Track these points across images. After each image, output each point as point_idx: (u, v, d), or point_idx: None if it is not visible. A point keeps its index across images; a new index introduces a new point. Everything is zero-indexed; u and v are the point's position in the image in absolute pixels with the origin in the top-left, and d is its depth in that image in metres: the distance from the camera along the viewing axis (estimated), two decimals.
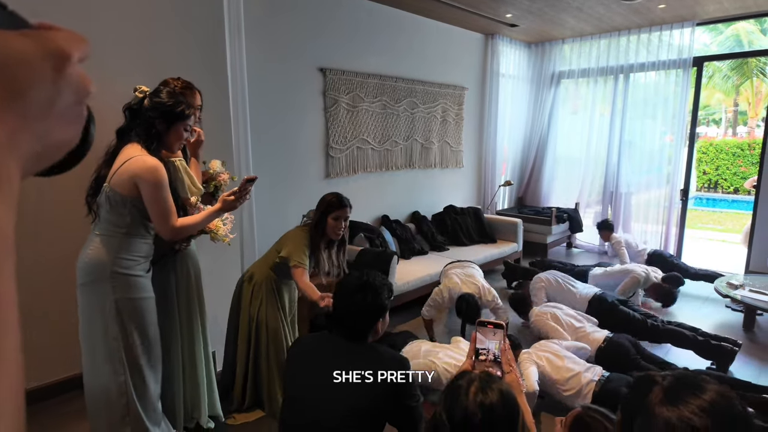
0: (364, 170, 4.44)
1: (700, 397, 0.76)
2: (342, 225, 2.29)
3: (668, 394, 0.78)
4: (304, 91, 3.84)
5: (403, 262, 4.21)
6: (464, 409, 0.92)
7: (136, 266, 1.71)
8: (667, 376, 0.83)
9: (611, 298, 3.42)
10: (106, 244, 1.66)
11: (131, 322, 1.70)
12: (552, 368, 2.51)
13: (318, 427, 1.38)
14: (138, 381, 1.75)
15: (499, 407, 0.92)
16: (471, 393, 0.93)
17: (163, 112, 1.70)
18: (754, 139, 11.77)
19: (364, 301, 1.46)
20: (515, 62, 6.10)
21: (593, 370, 2.51)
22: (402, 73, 4.66)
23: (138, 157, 1.63)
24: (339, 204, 2.29)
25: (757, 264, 4.82)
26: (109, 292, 1.65)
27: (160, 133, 1.71)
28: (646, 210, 5.73)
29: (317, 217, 2.30)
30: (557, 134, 6.35)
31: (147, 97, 1.72)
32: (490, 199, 6.01)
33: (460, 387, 0.96)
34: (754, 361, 3.20)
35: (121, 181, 1.62)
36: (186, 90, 2.05)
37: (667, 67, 5.29)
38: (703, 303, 4.28)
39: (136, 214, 1.68)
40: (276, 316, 2.37)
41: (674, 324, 3.25)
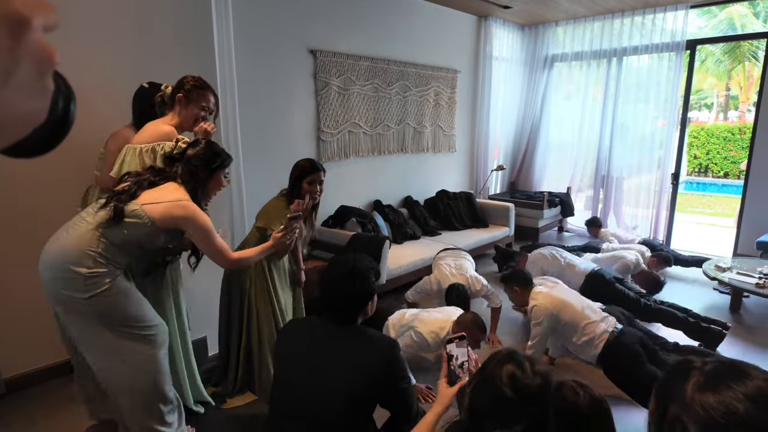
0: (356, 155, 4.40)
1: (746, 383, 0.71)
2: (317, 189, 2.33)
3: (709, 380, 0.74)
4: (294, 73, 3.78)
5: (395, 247, 4.21)
6: (524, 374, 1.02)
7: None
8: (709, 361, 0.78)
9: (609, 276, 3.45)
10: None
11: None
12: (568, 313, 2.50)
13: (309, 411, 1.38)
14: None
15: (551, 378, 1.05)
16: (527, 366, 1.03)
17: (206, 162, 1.82)
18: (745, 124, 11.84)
19: (353, 287, 1.46)
20: (508, 45, 6.04)
21: (608, 321, 2.51)
22: (394, 56, 4.59)
23: (187, 203, 1.74)
24: (312, 168, 2.32)
25: (744, 247, 4.89)
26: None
27: (203, 180, 1.83)
28: (637, 194, 5.76)
29: (292, 182, 2.34)
30: (550, 118, 6.33)
31: (189, 147, 1.84)
32: (483, 183, 6.00)
33: (517, 364, 1.04)
34: (740, 342, 3.26)
35: (163, 216, 1.68)
36: (194, 89, 2.03)
37: (660, 50, 5.27)
38: (692, 285, 4.34)
39: (141, 242, 1.71)
40: (265, 293, 2.36)
41: (667, 304, 3.29)
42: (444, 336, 2.48)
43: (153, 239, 1.72)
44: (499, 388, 1.01)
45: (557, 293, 2.59)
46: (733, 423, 0.70)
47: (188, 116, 2.03)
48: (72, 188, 2.36)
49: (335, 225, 4.10)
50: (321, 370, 1.41)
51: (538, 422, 0.97)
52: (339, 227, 4.07)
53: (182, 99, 2.01)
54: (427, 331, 2.50)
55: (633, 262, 3.86)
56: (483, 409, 1.02)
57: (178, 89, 2.02)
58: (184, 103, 2.02)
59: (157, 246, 1.80)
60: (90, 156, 2.29)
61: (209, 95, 2.08)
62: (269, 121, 3.65)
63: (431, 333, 2.50)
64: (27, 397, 2.41)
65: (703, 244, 5.80)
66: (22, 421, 2.24)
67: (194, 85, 2.04)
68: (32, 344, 2.47)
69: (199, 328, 2.79)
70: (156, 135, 1.92)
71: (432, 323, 2.54)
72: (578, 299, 2.58)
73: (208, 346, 2.87)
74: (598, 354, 2.41)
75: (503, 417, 0.99)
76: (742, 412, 0.69)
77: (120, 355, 1.69)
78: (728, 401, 0.71)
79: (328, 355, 1.44)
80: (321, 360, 1.43)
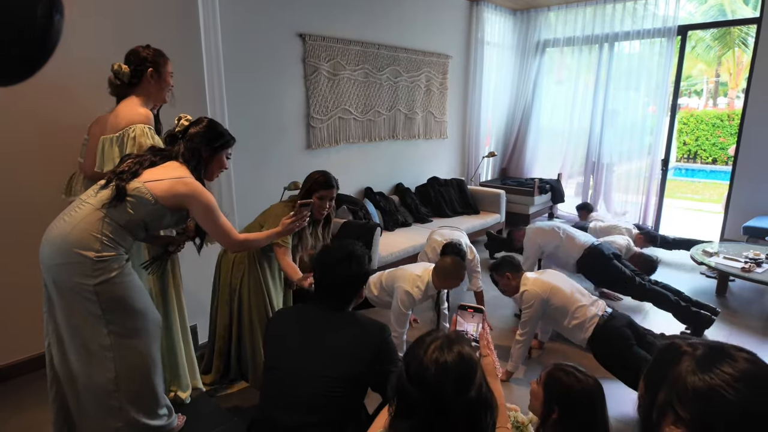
0: (347, 141, 4.36)
1: (733, 365, 0.72)
2: (327, 205, 2.27)
3: (699, 364, 0.75)
4: (282, 57, 3.71)
5: (386, 234, 4.21)
6: (419, 362, 0.91)
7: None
8: (698, 345, 0.79)
9: (608, 251, 3.43)
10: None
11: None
12: (559, 298, 2.52)
13: (300, 396, 1.38)
14: None
15: (453, 368, 0.90)
16: (430, 348, 0.93)
17: (209, 141, 1.79)
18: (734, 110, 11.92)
19: (350, 269, 1.49)
20: (500, 30, 5.99)
21: (598, 305, 2.54)
22: (385, 40, 4.53)
23: (190, 180, 1.70)
24: (325, 184, 2.26)
25: (731, 232, 4.95)
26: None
27: (206, 160, 1.80)
28: (627, 180, 5.80)
29: (302, 194, 2.27)
30: (541, 104, 6.32)
31: (191, 125, 1.79)
32: (474, 170, 6.00)
33: (423, 341, 0.95)
34: (725, 326, 3.31)
35: (166, 193, 1.65)
36: (159, 58, 1.98)
37: (652, 35, 5.26)
38: (679, 270, 4.40)
39: (147, 222, 1.67)
40: (259, 286, 2.35)
41: (660, 285, 3.30)
42: (426, 282, 2.58)
43: (158, 218, 1.68)
44: (401, 371, 0.94)
45: (547, 278, 2.61)
46: (724, 406, 0.70)
47: (160, 89, 1.99)
48: (55, 176, 2.31)
49: None
50: (311, 356, 1.41)
51: (439, 413, 0.89)
52: None
53: (153, 73, 1.96)
54: (410, 286, 2.56)
55: (624, 246, 3.89)
56: (394, 393, 0.96)
57: (141, 64, 1.94)
58: (156, 77, 1.96)
59: (163, 226, 1.76)
60: (73, 142, 2.24)
61: (169, 61, 2.03)
62: (257, 106, 3.59)
63: (414, 286, 2.57)
64: (15, 386, 2.39)
65: (692, 229, 5.87)
66: (10, 410, 2.23)
67: (156, 54, 1.98)
68: (20, 334, 2.43)
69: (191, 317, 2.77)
70: (132, 119, 1.86)
71: (411, 277, 2.61)
72: (568, 283, 2.60)
73: (198, 334, 2.86)
74: (588, 337, 2.44)
75: (405, 403, 0.92)
76: (732, 395, 0.70)
77: (112, 350, 1.66)
78: (718, 384, 0.71)
79: (318, 342, 1.43)
80: (311, 347, 1.43)
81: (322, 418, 1.35)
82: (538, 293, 2.53)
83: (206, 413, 2.23)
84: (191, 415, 2.16)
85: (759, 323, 3.36)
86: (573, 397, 1.34)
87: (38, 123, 2.33)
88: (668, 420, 0.75)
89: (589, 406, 1.33)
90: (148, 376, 1.75)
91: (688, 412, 0.73)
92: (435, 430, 0.87)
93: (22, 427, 2.13)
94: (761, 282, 3.36)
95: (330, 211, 2.35)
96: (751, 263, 3.47)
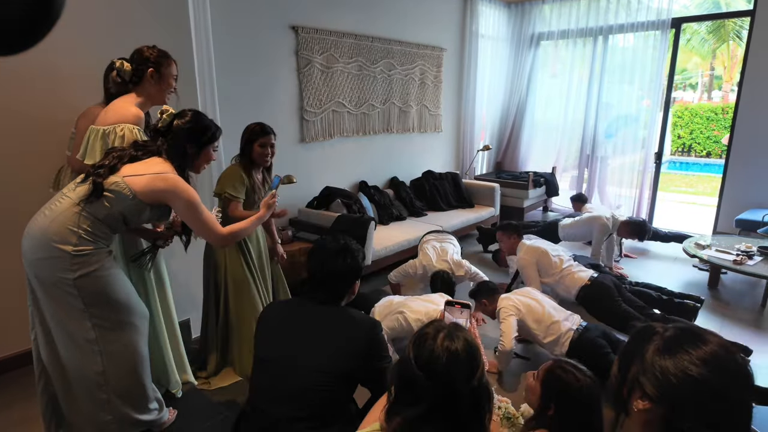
0: (341, 135, 4.34)
1: (701, 348, 0.75)
2: (269, 152, 2.39)
3: (668, 344, 0.78)
4: (275, 50, 3.67)
5: (381, 228, 4.20)
6: (430, 352, 0.95)
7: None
8: (670, 327, 0.82)
9: (584, 263, 3.51)
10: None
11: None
12: (533, 315, 2.56)
13: (290, 390, 1.37)
14: None
15: (463, 355, 0.96)
16: (439, 338, 0.97)
17: (194, 136, 1.74)
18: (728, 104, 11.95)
19: (344, 263, 1.49)
20: (494, 23, 5.96)
21: (572, 319, 2.59)
22: (378, 33, 4.50)
23: (170, 175, 1.66)
24: (262, 131, 2.38)
25: (724, 225, 4.98)
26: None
27: (191, 155, 1.76)
28: (621, 174, 5.81)
29: (242, 144, 2.39)
30: (536, 98, 6.31)
31: (175, 118, 1.74)
32: (469, 164, 5.99)
33: (428, 333, 0.99)
34: (717, 317, 3.34)
35: (145, 188, 1.61)
36: (162, 59, 1.96)
37: (646, 28, 5.25)
38: (673, 262, 4.42)
39: (126, 217, 1.65)
40: (241, 266, 2.35)
41: (641, 285, 3.38)
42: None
43: (137, 213, 1.66)
44: (408, 361, 0.98)
45: (521, 298, 2.66)
46: (687, 385, 0.73)
47: (160, 90, 1.96)
48: (44, 169, 2.28)
49: (320, 206, 4.06)
50: (302, 350, 1.40)
51: (448, 398, 0.93)
52: (324, 208, 4.04)
53: (154, 73, 1.93)
54: (414, 319, 2.51)
55: (609, 220, 3.94)
56: (397, 383, 1.00)
57: (143, 64, 1.92)
58: (157, 78, 1.94)
59: (144, 221, 1.74)
60: (61, 136, 2.21)
61: (173, 63, 2.00)
62: (250, 99, 3.56)
63: (417, 321, 2.51)
64: (2, 383, 2.37)
65: (685, 222, 5.89)
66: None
67: (160, 55, 1.95)
68: (7, 329, 2.41)
69: (183, 311, 2.76)
70: (123, 117, 1.83)
71: (419, 312, 2.54)
72: (539, 304, 2.64)
73: (191, 328, 2.84)
74: (565, 352, 2.48)
75: (412, 392, 0.96)
76: (695, 375, 0.73)
77: (97, 344, 1.65)
78: (684, 365, 0.75)
79: (309, 336, 1.43)
80: (302, 341, 1.42)
81: (311, 412, 1.35)
82: (513, 308, 2.58)
83: (198, 407, 2.22)
84: (182, 409, 2.15)
85: (750, 315, 3.39)
86: (571, 395, 1.33)
87: (23, 117, 2.29)
88: (636, 395, 0.79)
89: (586, 405, 1.33)
90: (136, 370, 1.74)
91: (654, 387, 0.76)
92: (442, 416, 0.91)
93: (11, 423, 2.12)
94: (752, 274, 3.38)
95: (271, 159, 2.46)
96: (743, 256, 3.48)
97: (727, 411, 0.72)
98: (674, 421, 0.73)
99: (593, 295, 2.96)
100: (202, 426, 2.11)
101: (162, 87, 1.96)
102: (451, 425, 0.91)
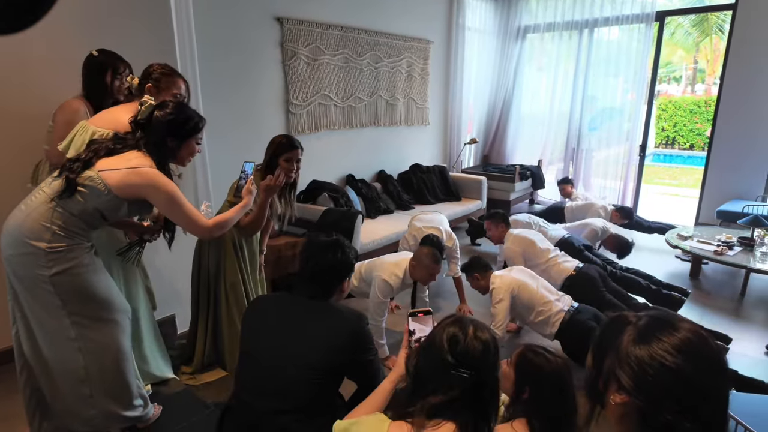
0: (328, 127, 4.31)
1: (674, 335, 0.74)
2: (294, 167, 2.26)
3: (642, 333, 0.77)
4: (260, 42, 3.63)
5: (368, 221, 4.20)
6: (465, 341, 1.02)
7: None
8: (642, 316, 0.81)
9: (578, 243, 3.55)
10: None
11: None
12: (526, 294, 2.58)
13: (275, 383, 1.37)
14: None
15: (492, 345, 1.04)
16: (470, 328, 1.04)
17: (175, 128, 1.67)
18: (711, 96, 12.12)
19: (335, 257, 1.49)
20: (481, 15, 5.95)
21: (564, 300, 2.61)
22: (364, 24, 4.46)
23: (146, 170, 1.60)
24: (289, 145, 2.24)
25: (706, 216, 5.07)
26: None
27: (173, 149, 1.69)
28: (606, 166, 5.88)
29: (267, 158, 2.26)
30: (522, 91, 6.34)
31: (155, 109, 1.68)
32: (456, 157, 6.00)
33: (459, 329, 1.04)
34: (698, 306, 3.41)
35: (120, 184, 1.56)
36: (162, 77, 1.94)
37: (631, 21, 5.30)
38: (656, 253, 4.50)
39: (103, 212, 1.61)
40: (236, 270, 2.33)
41: (631, 271, 3.41)
42: (404, 270, 2.63)
43: (115, 209, 1.61)
44: (440, 352, 1.02)
45: (514, 275, 2.67)
46: (663, 374, 0.73)
47: None
48: (21, 164, 2.23)
49: (307, 200, 4.04)
50: (288, 344, 1.40)
51: (476, 386, 0.99)
52: (311, 202, 4.02)
53: (152, 89, 1.92)
54: (388, 275, 2.60)
55: (600, 228, 3.99)
56: (424, 372, 1.03)
57: (145, 79, 1.93)
58: (155, 93, 1.92)
59: (123, 216, 1.70)
60: (38, 129, 2.16)
61: (180, 82, 1.99)
62: (234, 91, 3.52)
63: (392, 275, 2.61)
64: None
65: (668, 214, 5.98)
66: None
67: (163, 73, 1.95)
68: None
69: (168, 306, 2.74)
70: (117, 125, 1.79)
71: (389, 266, 2.65)
72: (534, 280, 2.66)
73: (177, 323, 2.82)
74: (554, 332, 2.50)
75: (442, 380, 1.00)
76: (671, 365, 0.72)
77: (77, 341, 1.63)
78: (658, 353, 0.73)
79: (294, 330, 1.42)
80: (287, 334, 1.42)
81: (296, 405, 1.35)
82: (506, 289, 2.58)
83: (183, 403, 2.21)
84: (168, 404, 2.14)
85: (730, 305, 3.46)
86: (544, 377, 1.36)
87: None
88: (613, 388, 0.78)
89: (558, 386, 1.36)
90: (118, 366, 1.72)
91: (630, 379, 0.75)
92: (468, 404, 0.97)
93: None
94: (733, 264, 3.45)
95: (296, 175, 2.32)
96: (723, 246, 3.55)
97: (703, 398, 0.72)
98: (651, 413, 0.73)
99: (578, 285, 3.00)
100: (188, 420, 2.10)
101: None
102: (471, 413, 0.97)
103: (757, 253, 3.49)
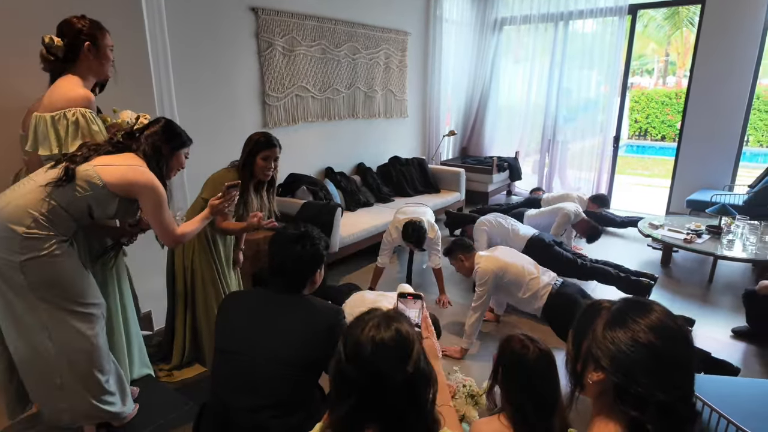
0: (305, 120, 4.27)
1: (648, 316, 0.80)
2: (271, 165, 2.21)
3: (616, 316, 0.82)
4: (234, 33, 3.55)
5: (348, 214, 4.19)
6: (356, 341, 0.88)
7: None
8: (616, 301, 0.86)
9: (548, 239, 3.62)
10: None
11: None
12: (513, 271, 2.61)
13: (252, 379, 1.36)
14: None
15: (391, 345, 0.87)
16: (367, 327, 0.90)
17: (167, 139, 1.76)
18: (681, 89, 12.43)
19: (304, 249, 1.47)
20: (458, 7, 5.96)
21: (549, 274, 2.67)
22: (341, 15, 4.42)
23: (146, 169, 1.66)
24: (267, 143, 2.19)
25: (676, 206, 5.22)
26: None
27: (166, 157, 1.76)
28: (581, 158, 5.99)
29: (244, 157, 2.20)
30: (499, 83, 6.39)
31: (148, 126, 1.77)
32: (435, 149, 6.02)
33: (361, 320, 0.93)
34: (669, 293, 3.52)
35: (118, 179, 1.61)
36: (96, 30, 1.81)
37: (605, 14, 5.38)
38: (629, 242, 4.62)
39: (92, 207, 1.62)
40: (210, 265, 2.30)
41: (601, 262, 3.49)
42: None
43: (104, 204, 1.62)
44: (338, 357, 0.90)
45: (499, 254, 2.70)
46: (638, 352, 0.78)
47: (101, 63, 1.83)
48: None
49: (285, 193, 4.00)
50: (263, 339, 1.39)
51: (374, 391, 0.86)
52: (289, 195, 3.98)
53: (91, 47, 1.78)
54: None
55: (573, 212, 4.06)
56: (331, 379, 0.93)
57: (76, 38, 1.75)
58: (95, 51, 1.79)
59: (108, 214, 1.68)
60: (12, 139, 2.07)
61: (107, 33, 1.85)
62: (209, 82, 3.44)
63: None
64: None
65: (641, 203, 6.14)
66: None
67: (93, 26, 1.79)
68: None
69: (143, 303, 2.68)
70: (72, 101, 1.71)
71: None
72: (519, 258, 2.70)
73: (153, 320, 2.77)
74: (542, 306, 2.54)
75: (344, 387, 0.89)
76: (644, 342, 0.78)
77: (48, 331, 1.60)
78: (633, 333, 0.79)
79: (269, 325, 1.41)
80: (259, 331, 1.41)
81: (275, 401, 1.34)
82: (492, 269, 2.60)
83: (160, 400, 2.18)
84: (144, 402, 2.10)
85: (699, 291, 3.59)
86: (518, 359, 1.39)
87: None
88: (590, 368, 0.83)
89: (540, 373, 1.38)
90: (91, 359, 1.69)
91: (607, 357, 0.80)
92: (374, 408, 0.86)
93: None
94: (701, 252, 3.57)
95: (275, 173, 2.28)
96: (692, 234, 3.67)
97: (673, 373, 0.78)
98: (626, 388, 0.77)
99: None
100: (166, 417, 2.07)
101: (101, 60, 1.82)
102: (386, 416, 0.86)
103: (724, 240, 3.62)
